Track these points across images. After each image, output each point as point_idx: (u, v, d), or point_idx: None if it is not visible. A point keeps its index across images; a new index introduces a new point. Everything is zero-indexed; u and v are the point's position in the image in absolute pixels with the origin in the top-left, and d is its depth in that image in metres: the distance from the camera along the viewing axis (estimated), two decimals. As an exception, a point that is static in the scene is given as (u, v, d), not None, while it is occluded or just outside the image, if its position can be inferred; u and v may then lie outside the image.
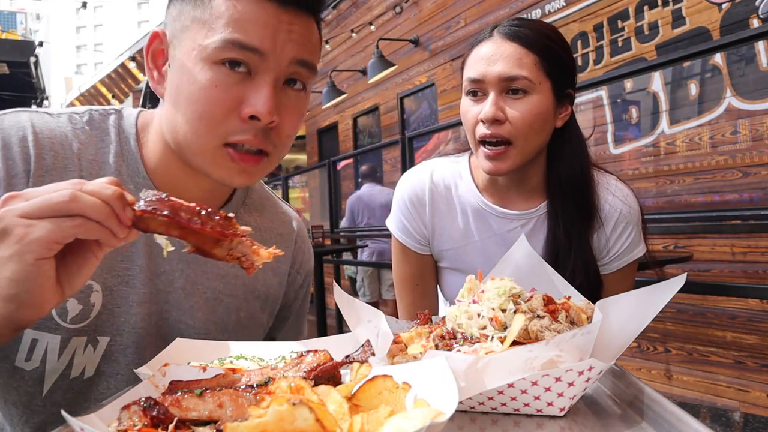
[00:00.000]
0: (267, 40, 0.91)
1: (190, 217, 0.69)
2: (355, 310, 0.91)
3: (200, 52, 0.92)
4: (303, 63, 0.96)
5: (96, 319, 1.00)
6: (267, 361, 0.81)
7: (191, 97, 0.93)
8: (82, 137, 1.03)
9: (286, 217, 1.28)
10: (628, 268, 1.47)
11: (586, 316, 0.83)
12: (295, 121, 1.00)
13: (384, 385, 0.61)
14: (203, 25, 0.92)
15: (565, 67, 1.38)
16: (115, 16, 73.94)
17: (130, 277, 1.02)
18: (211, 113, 0.92)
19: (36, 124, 0.99)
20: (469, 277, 0.93)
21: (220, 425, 0.47)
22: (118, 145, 1.05)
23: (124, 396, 0.65)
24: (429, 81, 7.13)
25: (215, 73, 0.91)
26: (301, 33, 0.95)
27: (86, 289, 0.98)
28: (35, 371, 0.99)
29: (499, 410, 0.74)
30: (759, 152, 3.43)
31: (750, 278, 3.39)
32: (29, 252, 0.65)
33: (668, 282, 0.78)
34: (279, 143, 0.99)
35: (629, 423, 0.71)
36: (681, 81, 3.88)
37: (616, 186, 1.46)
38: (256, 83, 0.92)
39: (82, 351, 1.00)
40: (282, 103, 0.96)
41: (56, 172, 0.98)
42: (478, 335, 0.80)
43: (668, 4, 4.02)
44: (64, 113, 1.05)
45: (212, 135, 0.93)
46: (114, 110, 1.10)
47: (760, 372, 3.38)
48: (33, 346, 0.97)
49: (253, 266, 0.74)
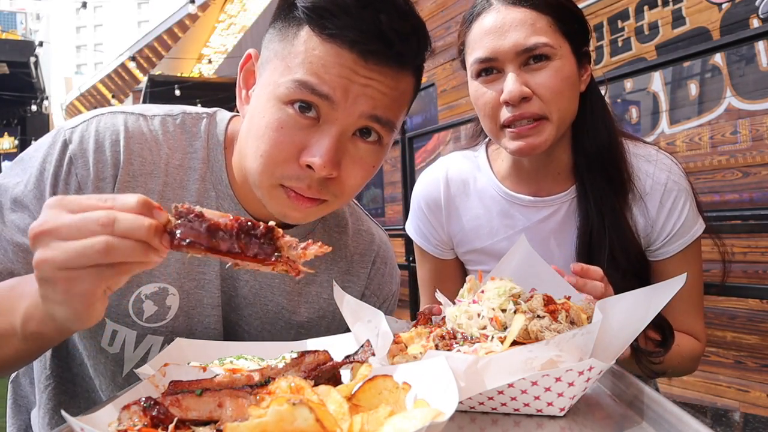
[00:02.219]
0: (339, 90, 0.88)
1: (228, 243, 0.64)
2: (355, 310, 0.91)
3: (274, 89, 0.91)
4: (377, 119, 0.93)
5: (173, 321, 1.04)
6: (267, 361, 0.81)
7: (258, 132, 0.92)
8: (172, 142, 1.04)
9: (367, 236, 1.25)
10: (690, 251, 1.29)
11: (586, 316, 0.83)
12: (361, 173, 0.97)
13: (384, 385, 0.61)
14: (282, 61, 0.91)
15: (580, 22, 1.24)
16: (115, 16, 73.91)
17: (206, 282, 1.05)
18: (271, 154, 0.91)
19: (130, 128, 1.01)
20: (469, 277, 0.93)
21: (220, 425, 0.48)
22: (205, 151, 1.06)
23: (124, 396, 0.65)
24: (429, 81, 7.12)
25: (283, 114, 0.90)
26: (380, 88, 0.91)
27: (161, 292, 1.02)
28: (116, 355, 1.05)
29: (499, 410, 0.74)
30: (759, 152, 3.43)
31: (750, 278, 3.39)
32: (77, 302, 0.63)
33: (668, 282, 0.78)
34: (340, 193, 0.97)
35: (629, 423, 0.71)
36: (681, 81, 3.88)
37: (657, 156, 1.30)
38: (321, 132, 0.90)
39: (158, 348, 1.04)
40: (348, 154, 0.93)
41: (142, 178, 1.00)
42: (478, 335, 0.80)
43: (668, 4, 4.02)
44: (158, 115, 1.06)
45: (269, 174, 0.93)
46: (206, 114, 1.10)
47: (760, 372, 3.38)
48: (114, 335, 1.03)
49: (299, 272, 0.69)
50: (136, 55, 11.93)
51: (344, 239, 1.20)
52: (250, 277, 1.09)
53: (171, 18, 11.45)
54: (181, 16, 11.09)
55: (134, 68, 12.28)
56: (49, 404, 1.15)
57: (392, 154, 7.64)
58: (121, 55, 12.75)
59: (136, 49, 11.99)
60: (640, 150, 1.31)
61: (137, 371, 0.79)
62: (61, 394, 1.16)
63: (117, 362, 1.06)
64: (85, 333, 1.07)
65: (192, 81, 14.14)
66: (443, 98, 6.85)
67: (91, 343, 1.07)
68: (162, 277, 1.02)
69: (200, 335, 1.05)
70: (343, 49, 0.87)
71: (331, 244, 1.13)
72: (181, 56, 14.03)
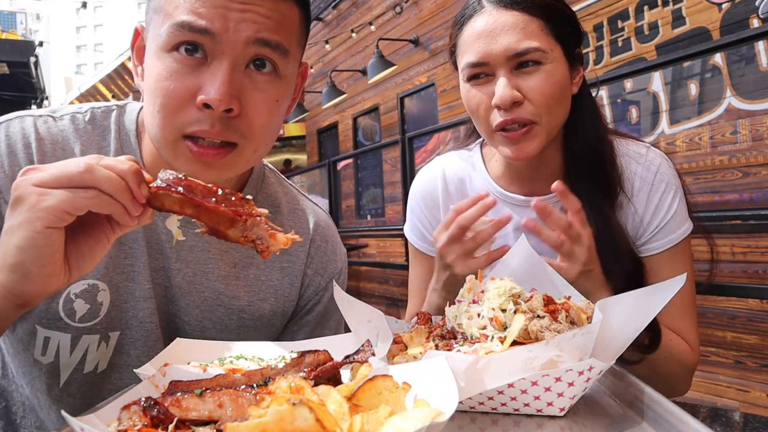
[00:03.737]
0: (217, 20, 0.87)
1: (205, 195, 0.68)
2: (355, 310, 0.91)
3: (157, 41, 0.90)
4: (266, 42, 0.90)
5: (106, 317, 1.01)
6: (267, 361, 0.81)
7: (150, 88, 0.92)
8: (84, 138, 1.03)
9: (303, 215, 1.23)
10: (680, 252, 1.26)
11: (586, 316, 0.83)
12: (265, 107, 0.93)
13: (384, 385, 0.61)
14: (160, 12, 0.91)
15: (572, 24, 1.23)
16: (115, 16, 73.91)
17: (135, 273, 1.03)
18: (167, 104, 0.89)
19: (40, 130, 0.99)
20: (469, 277, 0.93)
21: (220, 425, 0.47)
22: (118, 142, 1.04)
23: (124, 396, 0.65)
24: (429, 81, 7.13)
25: (169, 62, 0.89)
26: (260, 11, 0.89)
27: (92, 289, 1.00)
28: (51, 365, 1.02)
29: (499, 410, 0.74)
30: (759, 152, 3.43)
31: (750, 278, 3.39)
32: (39, 219, 0.65)
33: (668, 282, 0.78)
34: (249, 133, 0.93)
35: (629, 423, 0.71)
36: (681, 81, 3.88)
37: (646, 155, 1.29)
38: (211, 70, 0.88)
39: (95, 348, 1.02)
40: (246, 88, 0.91)
41: None
42: (478, 335, 0.80)
43: (668, 4, 4.02)
44: (67, 114, 1.05)
45: (170, 127, 0.90)
46: (116, 106, 1.09)
47: (760, 372, 3.38)
48: (46, 342, 1.00)
49: (269, 250, 0.71)
50: (136, 55, 11.97)
51: (279, 219, 1.18)
52: (183, 265, 1.06)
53: (171, 18, 11.51)
54: (181, 16, 11.16)
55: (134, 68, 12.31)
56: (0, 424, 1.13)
57: (392, 154, 7.66)
58: (121, 55, 12.75)
59: (136, 49, 12.03)
60: (631, 149, 1.30)
61: (137, 371, 0.79)
62: (11, 414, 1.13)
63: (52, 373, 1.03)
64: (19, 346, 1.03)
65: (192, 81, 14.12)
66: (443, 98, 6.86)
67: (25, 357, 1.03)
68: (90, 273, 0.98)
69: (136, 329, 1.03)
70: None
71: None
72: (181, 56, 14.05)
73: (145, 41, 0.98)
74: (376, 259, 7.28)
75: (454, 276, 1.14)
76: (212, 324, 1.10)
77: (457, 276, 1.12)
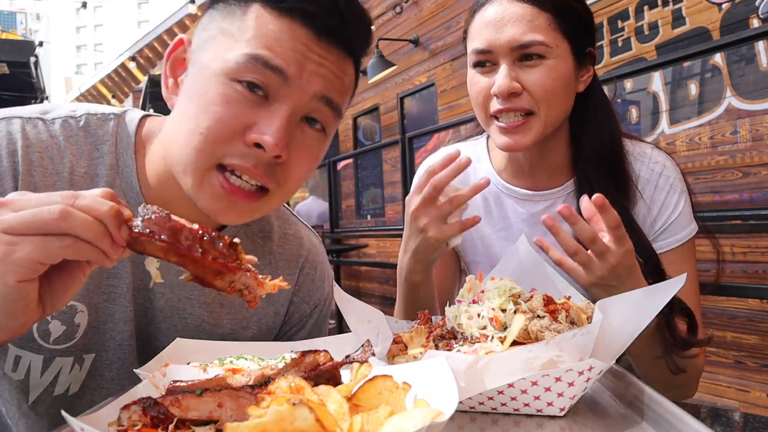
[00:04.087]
0: (293, 65, 0.85)
1: (191, 243, 0.63)
2: (355, 310, 0.91)
3: (221, 65, 0.85)
4: (328, 102, 0.89)
5: (82, 338, 0.96)
6: (267, 361, 0.81)
7: (198, 110, 0.86)
8: (75, 147, 0.96)
9: (295, 240, 1.19)
10: (685, 253, 1.26)
11: (586, 316, 0.83)
12: (307, 162, 0.92)
13: (384, 385, 0.61)
14: (229, 37, 0.87)
15: (583, 22, 1.23)
16: (115, 16, 73.92)
17: (117, 295, 0.98)
18: (214, 130, 0.84)
19: (28, 135, 0.93)
20: (469, 277, 0.93)
21: (220, 425, 0.48)
22: (113, 156, 0.97)
23: (124, 396, 0.65)
24: (429, 81, 7.13)
25: (229, 89, 0.84)
26: (332, 69, 0.88)
27: (69, 310, 0.94)
28: (21, 382, 0.97)
29: (499, 410, 0.74)
30: (759, 152, 3.42)
31: (750, 278, 3.39)
32: (10, 273, 0.59)
33: (668, 282, 0.78)
34: (284, 182, 0.91)
35: (629, 423, 0.71)
36: (681, 81, 3.88)
37: (650, 155, 1.29)
38: (271, 111, 0.85)
39: (68, 370, 0.97)
40: (296, 139, 0.89)
41: (44, 190, 0.89)
42: (478, 335, 0.80)
43: (668, 4, 4.02)
44: (60, 117, 0.98)
45: (208, 154, 0.86)
46: (114, 115, 1.02)
47: (760, 372, 3.38)
48: (17, 360, 0.95)
49: (256, 299, 0.68)
50: (136, 55, 11.92)
51: (269, 245, 1.14)
52: (167, 290, 1.02)
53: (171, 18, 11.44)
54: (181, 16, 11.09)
55: (134, 68, 12.28)
56: None
57: (392, 154, 7.65)
58: (121, 55, 12.72)
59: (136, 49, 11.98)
60: (636, 149, 1.31)
61: (137, 371, 0.79)
62: None
63: (22, 389, 0.98)
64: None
65: (192, 81, 14.13)
66: (443, 98, 6.85)
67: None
68: None
69: (113, 351, 0.99)
70: (296, 24, 0.85)
71: (255, 252, 1.07)
72: (181, 56, 14.04)
73: (190, 57, 0.93)
74: (376, 259, 7.28)
75: (427, 240, 1.11)
76: None
77: (430, 240, 1.10)
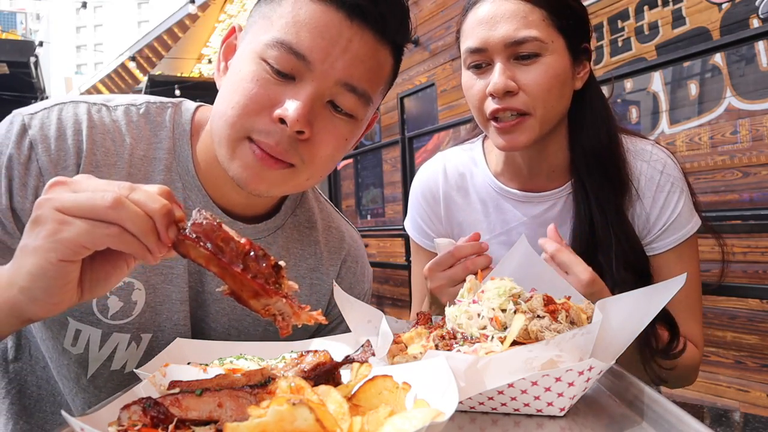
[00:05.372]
0: (318, 51, 0.88)
1: (233, 257, 0.62)
2: (355, 310, 0.91)
3: (254, 46, 0.91)
4: (352, 89, 0.92)
5: (140, 317, 1.01)
6: (267, 361, 0.81)
7: (232, 86, 0.92)
8: (135, 132, 1.02)
9: (337, 233, 1.23)
10: (686, 250, 1.26)
11: (586, 316, 0.83)
12: (333, 141, 0.95)
13: (384, 385, 0.61)
14: (267, 20, 0.92)
15: (578, 17, 1.22)
16: (115, 16, 73.90)
17: (174, 276, 1.02)
18: (244, 105, 0.90)
19: (93, 118, 0.99)
20: (469, 277, 0.93)
21: (220, 425, 0.48)
22: (171, 141, 1.04)
23: (124, 396, 0.65)
24: (429, 81, 7.12)
25: (260, 68, 0.90)
26: (359, 53, 0.91)
27: (127, 287, 0.99)
28: (80, 356, 1.02)
29: (499, 410, 0.74)
30: (759, 152, 3.42)
31: (750, 278, 3.39)
32: (54, 250, 0.61)
33: (668, 282, 0.78)
34: (309, 160, 0.94)
35: (629, 423, 0.71)
36: (681, 81, 3.87)
37: (651, 152, 1.28)
38: (296, 89, 0.90)
39: (125, 347, 1.02)
40: (321, 117, 0.92)
41: (105, 169, 0.98)
42: (478, 335, 0.80)
43: (668, 4, 4.02)
44: (122, 105, 1.04)
45: (237, 126, 0.91)
46: (171, 103, 1.09)
47: (760, 372, 3.38)
48: (77, 335, 1.00)
49: (288, 329, 0.66)
50: (136, 55, 11.93)
51: (314, 235, 1.18)
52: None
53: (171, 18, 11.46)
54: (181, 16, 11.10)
55: (134, 68, 12.28)
56: (12, 409, 1.13)
57: (392, 154, 7.65)
58: (121, 55, 12.73)
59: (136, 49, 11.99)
60: (637, 146, 1.30)
61: (137, 371, 0.79)
62: (25, 398, 1.13)
63: (81, 363, 1.03)
64: (48, 333, 1.03)
65: (192, 81, 14.14)
66: (443, 98, 6.85)
67: (54, 344, 1.03)
68: None
69: (168, 332, 1.03)
70: (330, 7, 0.89)
71: (301, 240, 1.14)
72: (181, 56, 14.03)
73: (238, 41, 0.99)
74: (377, 259, 7.28)
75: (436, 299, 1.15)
76: (238, 332, 1.11)
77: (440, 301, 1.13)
